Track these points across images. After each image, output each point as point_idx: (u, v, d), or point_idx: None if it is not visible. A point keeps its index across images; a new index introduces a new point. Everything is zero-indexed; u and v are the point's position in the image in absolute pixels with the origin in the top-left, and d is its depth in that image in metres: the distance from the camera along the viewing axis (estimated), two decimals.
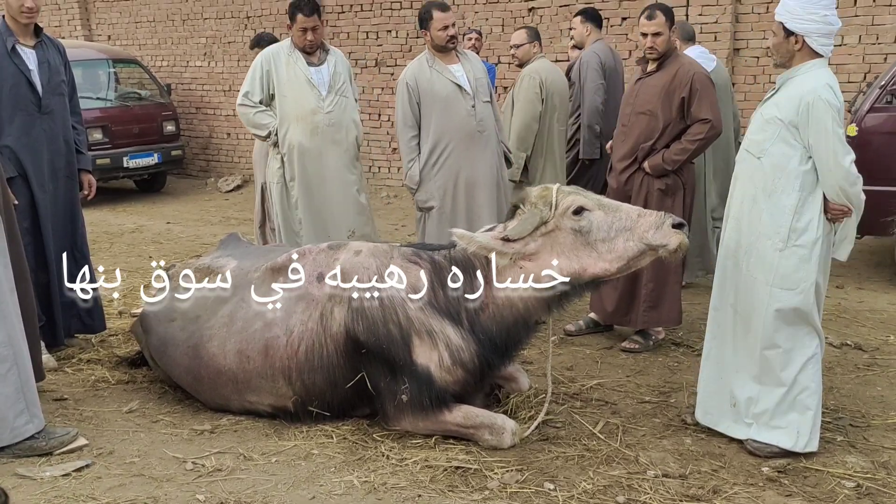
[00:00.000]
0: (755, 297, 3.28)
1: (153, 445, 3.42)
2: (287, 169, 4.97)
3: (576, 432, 3.54)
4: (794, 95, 3.17)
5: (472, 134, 4.86)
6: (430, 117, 4.87)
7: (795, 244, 3.20)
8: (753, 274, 3.28)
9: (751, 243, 3.29)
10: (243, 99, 5.00)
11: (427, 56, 4.95)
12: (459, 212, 4.89)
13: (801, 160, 3.18)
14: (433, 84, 4.85)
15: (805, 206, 3.19)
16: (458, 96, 4.86)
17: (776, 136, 3.20)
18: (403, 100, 4.92)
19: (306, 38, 4.88)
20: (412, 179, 4.95)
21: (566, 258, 3.29)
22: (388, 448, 3.35)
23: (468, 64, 4.99)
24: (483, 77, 5.04)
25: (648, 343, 4.65)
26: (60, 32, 13.06)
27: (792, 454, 3.26)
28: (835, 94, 3.15)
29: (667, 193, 4.44)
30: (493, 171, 4.98)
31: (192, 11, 12.14)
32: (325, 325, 3.49)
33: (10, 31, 4.20)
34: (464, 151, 4.85)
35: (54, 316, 4.42)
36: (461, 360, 3.37)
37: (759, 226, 3.26)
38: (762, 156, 3.25)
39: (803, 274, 3.20)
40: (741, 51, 8.61)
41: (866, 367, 4.37)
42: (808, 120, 3.12)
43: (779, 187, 3.20)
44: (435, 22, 4.82)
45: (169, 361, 3.85)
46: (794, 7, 3.16)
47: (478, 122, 4.87)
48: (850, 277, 6.18)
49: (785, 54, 3.25)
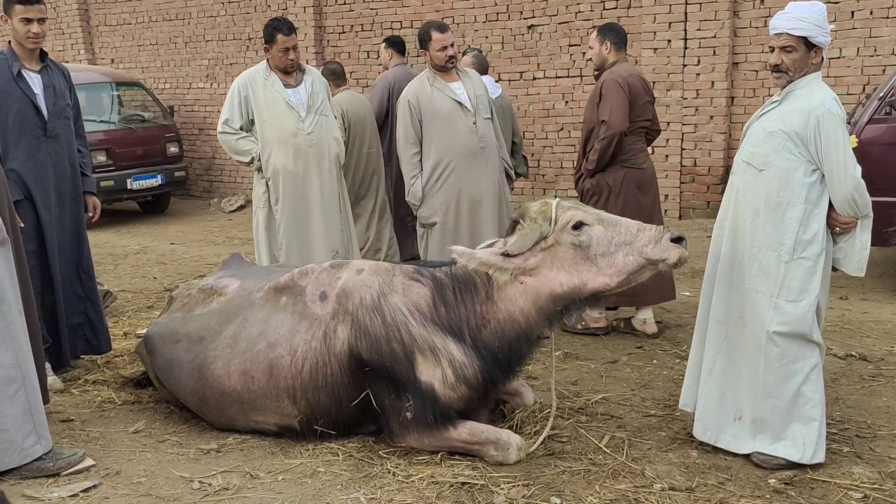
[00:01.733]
0: (757, 310, 3.28)
1: (160, 465, 3.42)
2: (272, 192, 5.00)
3: (581, 446, 3.54)
4: (802, 109, 3.17)
5: (474, 150, 4.92)
6: (431, 134, 4.92)
7: (801, 256, 3.20)
8: (755, 286, 3.28)
9: (752, 255, 3.29)
10: (223, 126, 5.02)
11: (428, 74, 5.01)
12: (462, 228, 4.93)
13: (805, 172, 3.18)
14: (434, 102, 4.90)
15: (811, 218, 3.19)
16: (460, 113, 4.91)
17: (780, 149, 3.20)
18: (405, 118, 4.97)
19: (287, 58, 4.91)
20: (415, 196, 4.99)
21: (566, 273, 3.30)
22: (394, 465, 3.35)
23: (468, 81, 5.05)
24: (483, 94, 5.10)
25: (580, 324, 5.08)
26: (64, 56, 13.18)
27: (798, 466, 3.26)
28: (840, 108, 3.18)
29: (592, 193, 4.93)
30: (496, 187, 5.03)
31: (195, 34, 12.26)
32: (329, 344, 3.50)
33: (15, 56, 4.25)
34: (466, 168, 4.90)
35: (60, 338, 4.45)
36: (465, 377, 3.38)
37: (762, 237, 3.26)
38: (765, 168, 3.25)
39: (808, 286, 3.20)
40: (740, 65, 8.66)
41: (871, 377, 4.37)
42: (818, 133, 3.13)
43: (784, 199, 3.20)
44: (434, 43, 4.89)
45: (174, 383, 3.86)
46: (818, 20, 3.16)
47: (479, 139, 4.93)
48: (853, 288, 6.18)
49: (802, 69, 3.23)
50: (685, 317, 5.60)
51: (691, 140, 8.92)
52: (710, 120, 8.79)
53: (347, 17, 10.88)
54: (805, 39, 3.18)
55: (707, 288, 3.50)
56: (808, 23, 3.16)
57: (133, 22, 12.87)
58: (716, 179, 8.89)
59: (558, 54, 9.60)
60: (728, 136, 8.83)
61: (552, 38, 9.59)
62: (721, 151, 8.82)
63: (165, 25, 12.53)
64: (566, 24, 9.36)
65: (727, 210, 3.43)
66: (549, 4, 9.53)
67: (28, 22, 4.18)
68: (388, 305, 3.45)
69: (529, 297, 3.35)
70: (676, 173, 9.04)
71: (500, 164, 5.11)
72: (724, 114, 8.72)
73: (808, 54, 3.21)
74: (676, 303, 5.98)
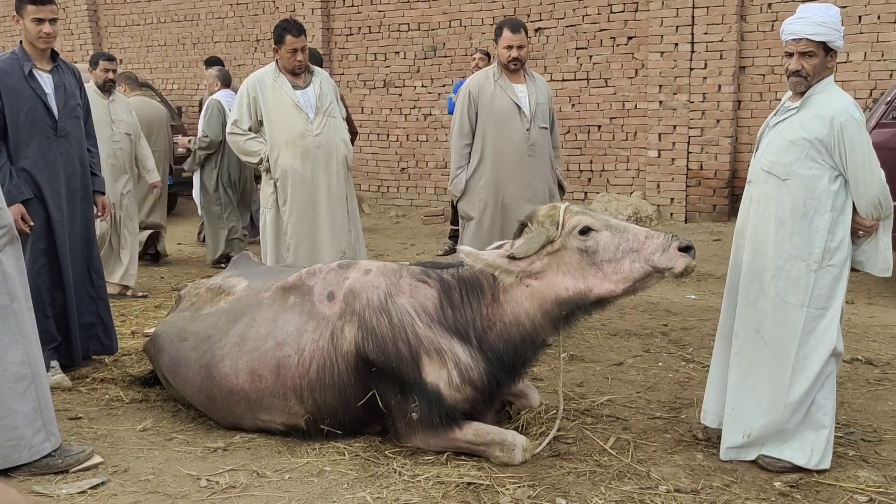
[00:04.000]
0: (786, 321, 3.23)
1: (167, 463, 3.44)
2: (280, 193, 5.02)
3: (587, 448, 3.55)
4: (823, 115, 3.15)
5: (522, 156, 4.86)
6: (484, 130, 4.89)
7: (829, 263, 3.18)
8: (784, 297, 3.23)
9: (779, 266, 3.23)
10: (232, 127, 5.06)
11: (494, 70, 4.95)
12: (495, 229, 4.86)
13: (830, 179, 3.16)
14: (494, 98, 4.87)
15: (837, 225, 3.18)
16: (516, 116, 4.85)
17: (804, 157, 3.17)
18: (463, 107, 4.93)
19: (296, 59, 4.94)
20: (457, 187, 4.98)
21: (572, 278, 3.30)
22: (401, 465, 3.36)
23: (533, 87, 4.95)
24: (545, 103, 5.01)
25: None
26: (73, 57, 13.26)
27: (804, 469, 3.26)
28: (860, 111, 3.18)
29: None
30: (537, 196, 4.89)
31: (203, 35, 12.31)
32: (336, 344, 3.51)
33: (27, 55, 4.28)
34: (510, 171, 4.86)
35: (71, 337, 4.47)
36: (470, 379, 3.39)
37: (790, 248, 3.21)
38: (788, 177, 3.21)
39: (835, 291, 3.19)
40: (747, 69, 8.67)
41: (877, 381, 4.37)
42: (842, 140, 3.11)
43: (811, 208, 3.17)
44: (502, 40, 4.86)
45: (181, 381, 3.88)
46: (837, 24, 3.15)
47: (529, 146, 4.86)
48: (860, 292, 6.17)
49: (819, 74, 3.22)
50: (691, 319, 5.61)
51: (698, 143, 8.93)
52: (717, 123, 8.80)
53: (355, 19, 10.92)
54: (824, 44, 3.17)
55: (729, 299, 3.46)
56: (827, 27, 3.15)
57: (142, 23, 12.93)
58: (722, 183, 8.90)
59: (565, 57, 9.61)
60: (735, 139, 8.84)
61: (559, 41, 9.61)
62: (727, 155, 8.83)
63: (174, 27, 12.60)
64: (573, 28, 9.38)
65: (746, 220, 3.38)
66: (556, 8, 9.55)
67: (40, 22, 4.21)
68: (394, 306, 3.46)
69: (535, 301, 3.36)
70: (682, 177, 9.05)
71: (549, 176, 5.02)
72: (731, 118, 8.73)
73: (826, 59, 3.20)
74: (683, 306, 5.99)
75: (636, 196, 9.38)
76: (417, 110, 10.69)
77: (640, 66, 9.21)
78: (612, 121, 9.50)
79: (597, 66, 9.47)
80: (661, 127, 9.07)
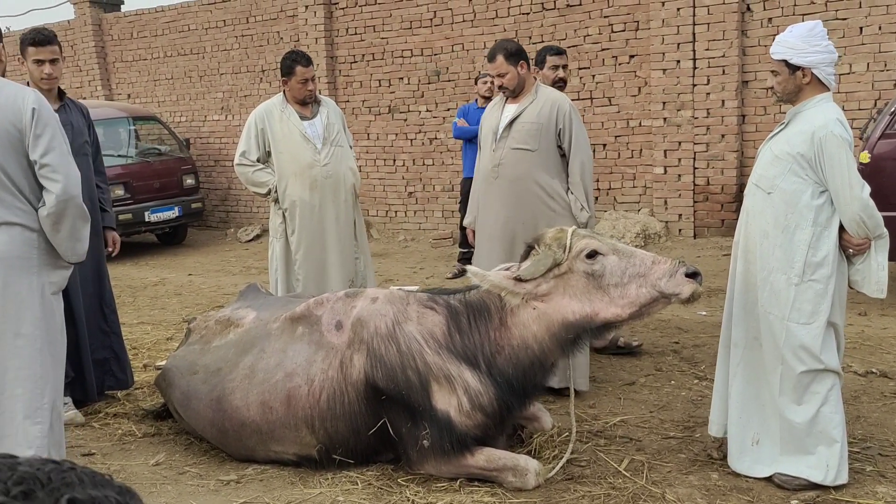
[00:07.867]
0: (772, 332, 3.27)
1: (181, 497, 3.44)
2: (288, 223, 5.05)
3: (601, 470, 3.52)
4: (806, 131, 3.19)
5: (487, 179, 4.62)
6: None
7: (811, 279, 3.19)
8: (768, 309, 3.27)
9: (763, 278, 3.28)
10: (240, 158, 5.10)
11: (500, 98, 4.83)
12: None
13: (813, 194, 3.19)
14: (485, 120, 4.81)
15: (820, 240, 3.19)
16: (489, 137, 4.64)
17: (787, 171, 3.22)
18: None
19: (306, 89, 4.99)
20: (468, 222, 4.89)
21: (578, 301, 3.30)
22: (414, 493, 3.35)
23: (537, 107, 4.65)
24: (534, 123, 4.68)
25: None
26: (82, 93, 13.43)
27: (821, 487, 3.22)
28: (845, 129, 3.18)
29: None
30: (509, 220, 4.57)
31: (209, 67, 12.45)
32: (346, 373, 3.52)
33: None
34: (481, 194, 4.80)
35: (84, 372, 4.48)
36: (480, 405, 3.39)
37: (772, 260, 3.25)
38: (773, 191, 3.26)
39: (819, 308, 3.19)
40: (749, 83, 8.68)
41: (893, 394, 4.32)
42: (821, 155, 3.14)
43: (792, 222, 3.21)
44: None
45: (193, 415, 3.89)
46: (794, 42, 3.21)
47: (493, 168, 4.61)
48: (873, 304, 6.12)
49: (793, 90, 3.28)
50: (702, 336, 5.57)
51: (703, 159, 8.93)
52: (722, 138, 8.80)
53: (359, 47, 11.02)
54: (786, 62, 3.23)
55: (729, 309, 3.50)
56: (783, 46, 3.24)
57: (148, 58, 13.10)
58: (729, 198, 8.87)
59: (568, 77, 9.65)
60: (740, 154, 8.83)
61: None
62: (734, 170, 8.82)
63: (180, 60, 12.75)
64: (575, 48, 9.43)
65: (740, 232, 3.45)
66: (558, 29, 9.61)
67: (40, 63, 4.26)
68: (402, 334, 3.47)
69: (542, 324, 3.36)
70: (690, 192, 9.04)
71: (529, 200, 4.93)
72: (736, 132, 8.73)
73: (794, 76, 3.24)
74: (694, 322, 5.96)
75: (644, 213, 9.37)
76: (423, 134, 10.75)
77: (642, 84, 9.23)
78: (618, 139, 9.52)
79: (600, 85, 9.51)
80: (666, 144, 9.08)
